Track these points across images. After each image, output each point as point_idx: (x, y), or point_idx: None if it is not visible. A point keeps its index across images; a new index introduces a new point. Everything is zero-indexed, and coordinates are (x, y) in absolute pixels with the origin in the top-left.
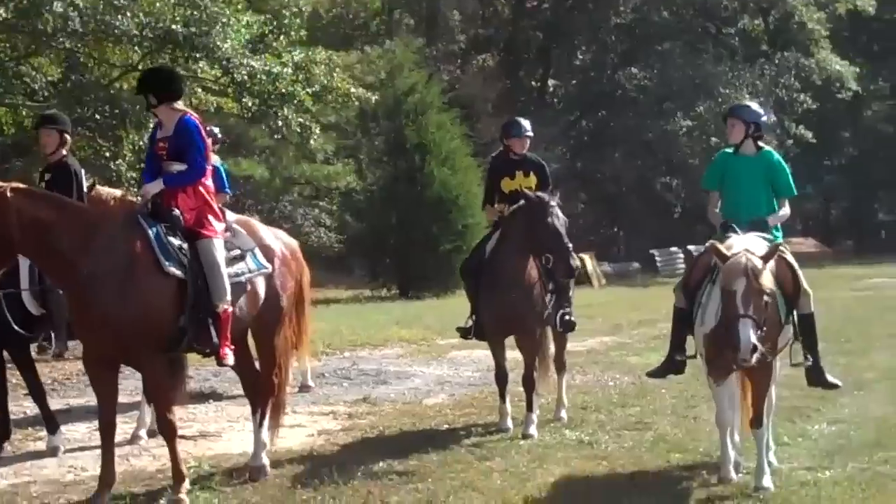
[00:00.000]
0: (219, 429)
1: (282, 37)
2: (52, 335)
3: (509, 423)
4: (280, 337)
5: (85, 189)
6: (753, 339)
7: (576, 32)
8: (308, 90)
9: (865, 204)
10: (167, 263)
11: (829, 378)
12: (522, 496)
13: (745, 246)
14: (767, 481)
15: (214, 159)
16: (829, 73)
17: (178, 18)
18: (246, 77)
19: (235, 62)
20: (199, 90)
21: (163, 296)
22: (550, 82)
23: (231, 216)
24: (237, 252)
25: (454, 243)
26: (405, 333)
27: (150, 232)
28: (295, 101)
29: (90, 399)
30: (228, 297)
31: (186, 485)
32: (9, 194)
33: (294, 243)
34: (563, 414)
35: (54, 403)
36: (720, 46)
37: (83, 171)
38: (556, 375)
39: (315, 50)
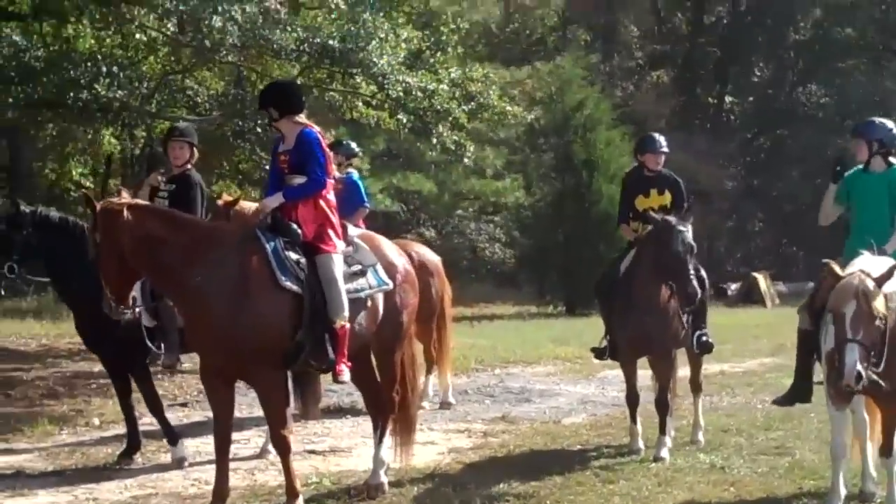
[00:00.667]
0: (351, 444)
1: (438, 53)
2: (163, 346)
3: (640, 444)
4: (400, 353)
5: (206, 201)
6: (859, 365)
7: (754, 49)
8: (464, 107)
9: None
10: (283, 278)
11: None
12: None
13: (865, 266)
14: None
15: (352, 173)
16: None
17: (335, 33)
18: (401, 93)
19: (391, 78)
20: (360, 104)
21: (278, 311)
22: (727, 99)
23: (354, 231)
24: (358, 267)
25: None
26: (560, 351)
27: (267, 246)
28: (450, 119)
29: None
30: (346, 313)
31: (300, 502)
32: (125, 212)
33: (435, 259)
34: (700, 436)
35: (195, 415)
36: None
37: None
38: (692, 398)
39: (473, 67)
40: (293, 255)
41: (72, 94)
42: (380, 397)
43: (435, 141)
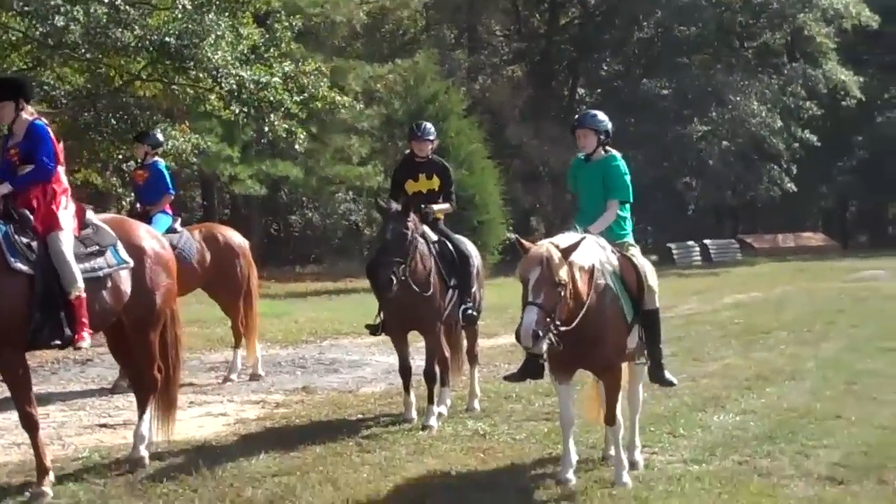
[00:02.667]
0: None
1: (273, 48)
2: None
3: (413, 413)
4: (155, 332)
5: None
6: (534, 325)
7: (603, 46)
8: (296, 98)
9: (879, 201)
10: (13, 260)
11: (668, 376)
12: (374, 491)
13: (557, 239)
14: (625, 478)
15: (158, 161)
16: (834, 82)
17: (172, 31)
18: (234, 86)
19: (224, 72)
20: (213, 97)
21: (11, 292)
22: (579, 91)
23: (98, 216)
24: (95, 248)
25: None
26: None
27: None
28: (283, 109)
29: None
30: (80, 284)
31: (50, 478)
32: None
33: (241, 241)
34: (476, 405)
35: None
36: (734, 58)
37: None
38: (469, 367)
39: (305, 61)
40: (23, 239)
41: None
42: (140, 374)
43: (267, 129)
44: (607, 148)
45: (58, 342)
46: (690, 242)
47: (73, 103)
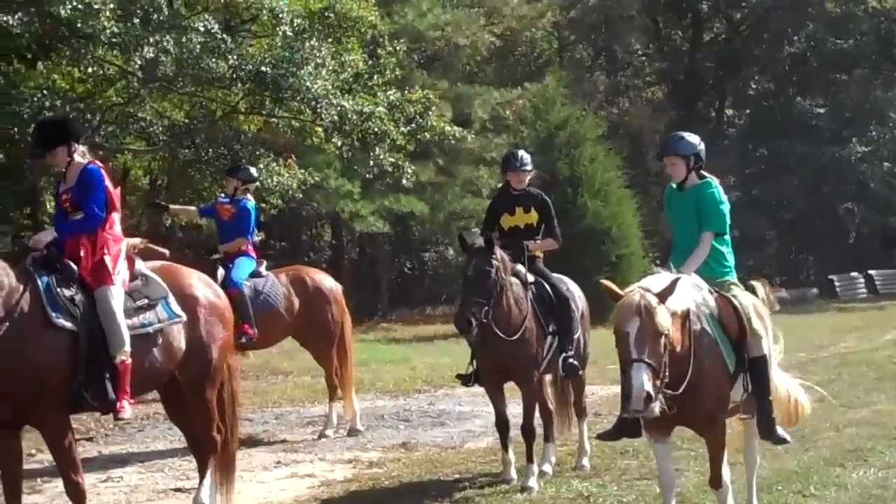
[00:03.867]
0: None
1: (376, 76)
2: None
3: (512, 473)
4: (213, 390)
5: None
6: (648, 386)
7: (751, 62)
8: (402, 129)
9: None
10: (55, 315)
11: (780, 431)
12: None
13: (647, 283)
14: None
15: (247, 200)
16: None
17: (268, 60)
18: (336, 117)
19: (323, 102)
20: (320, 130)
21: (52, 350)
22: (727, 112)
23: (146, 264)
24: (144, 301)
25: (608, 274)
26: None
27: (39, 283)
28: (388, 140)
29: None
30: (127, 348)
31: None
32: None
33: (332, 286)
34: (586, 462)
35: None
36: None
37: None
38: (577, 422)
39: (411, 88)
40: (67, 292)
41: (16, 129)
42: (198, 437)
43: (372, 163)
44: (703, 173)
45: (100, 407)
46: (854, 273)
47: (171, 140)
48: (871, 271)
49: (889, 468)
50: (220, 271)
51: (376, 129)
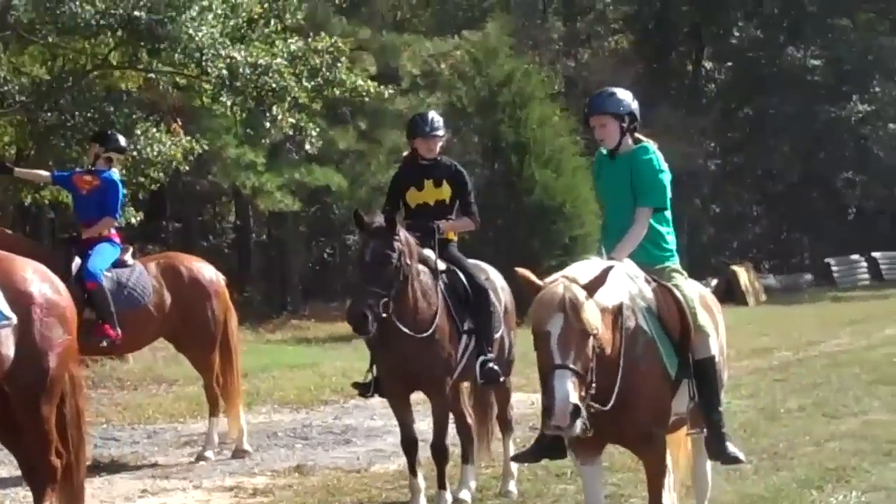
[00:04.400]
0: None
1: (274, 22)
2: None
3: (422, 501)
4: (51, 407)
5: None
6: (573, 397)
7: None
8: (306, 84)
9: None
10: None
11: (731, 449)
12: None
13: (573, 272)
14: None
15: (114, 172)
16: None
17: (142, 3)
18: (225, 71)
19: (210, 53)
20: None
21: None
22: (706, 64)
23: None
24: None
25: (560, 259)
26: None
27: None
28: (289, 98)
29: None
30: None
31: None
32: None
33: (212, 276)
34: (512, 486)
35: None
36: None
37: None
38: (502, 438)
39: (317, 36)
40: None
41: None
42: (33, 463)
43: (269, 125)
44: (638, 136)
45: None
46: (855, 256)
47: (31, 101)
48: (874, 253)
49: (875, 490)
50: (76, 260)
51: (274, 85)
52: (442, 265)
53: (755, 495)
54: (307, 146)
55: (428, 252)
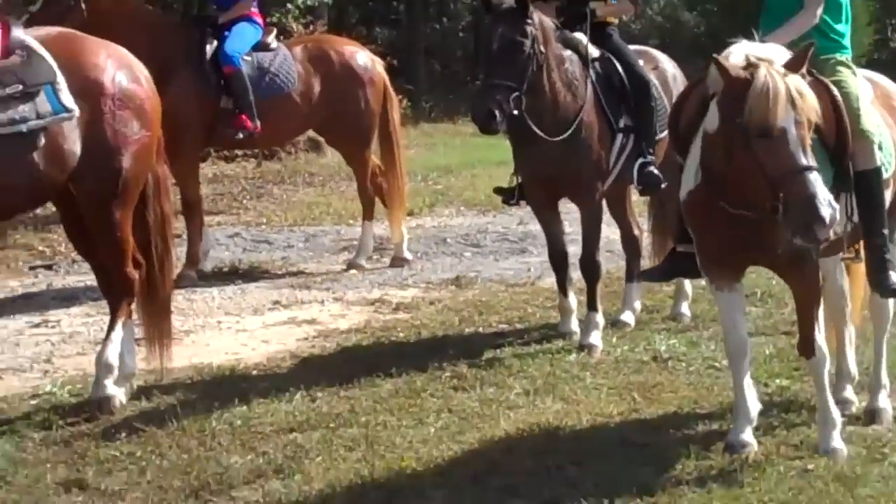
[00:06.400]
0: (202, 324)
1: None
2: None
3: (573, 325)
4: (126, 212)
5: None
6: (831, 204)
7: None
8: None
9: None
10: None
11: (893, 279)
12: (416, 460)
13: (751, 51)
14: (834, 442)
15: None
16: None
17: None
18: None
19: None
20: None
21: None
22: None
23: (33, 32)
24: (18, 88)
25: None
26: None
27: None
28: None
29: None
30: None
31: None
32: None
33: (366, 63)
34: (684, 309)
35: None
36: None
37: None
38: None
39: None
40: None
41: None
42: (108, 273)
43: None
44: None
45: None
46: None
47: None
48: None
49: None
50: (211, 42)
51: None
52: (595, 52)
53: None
54: None
55: (579, 36)
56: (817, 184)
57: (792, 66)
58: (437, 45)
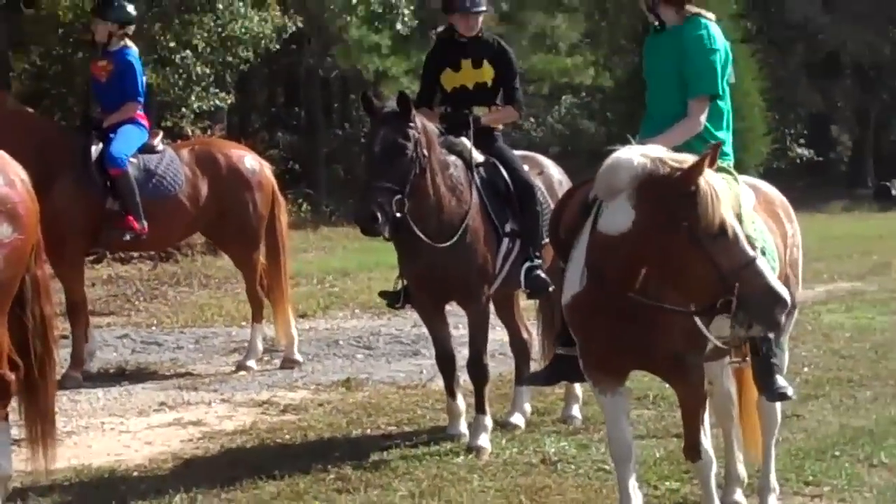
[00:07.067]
0: (86, 425)
1: None
2: None
3: (461, 427)
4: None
5: None
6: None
7: None
8: None
9: None
10: None
11: (779, 383)
12: None
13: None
14: None
15: (130, 49)
16: None
17: None
18: None
19: None
20: None
21: None
22: None
23: None
24: None
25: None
26: None
27: None
28: None
29: None
30: None
31: None
32: None
33: (254, 166)
34: (576, 411)
35: None
36: None
37: None
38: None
39: None
40: None
41: None
42: None
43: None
44: (691, 8)
45: None
46: None
47: None
48: None
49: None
50: (97, 144)
51: None
52: (480, 157)
53: (859, 429)
54: (399, 25)
55: (463, 141)
56: (766, 269)
57: (708, 165)
58: (339, 151)
